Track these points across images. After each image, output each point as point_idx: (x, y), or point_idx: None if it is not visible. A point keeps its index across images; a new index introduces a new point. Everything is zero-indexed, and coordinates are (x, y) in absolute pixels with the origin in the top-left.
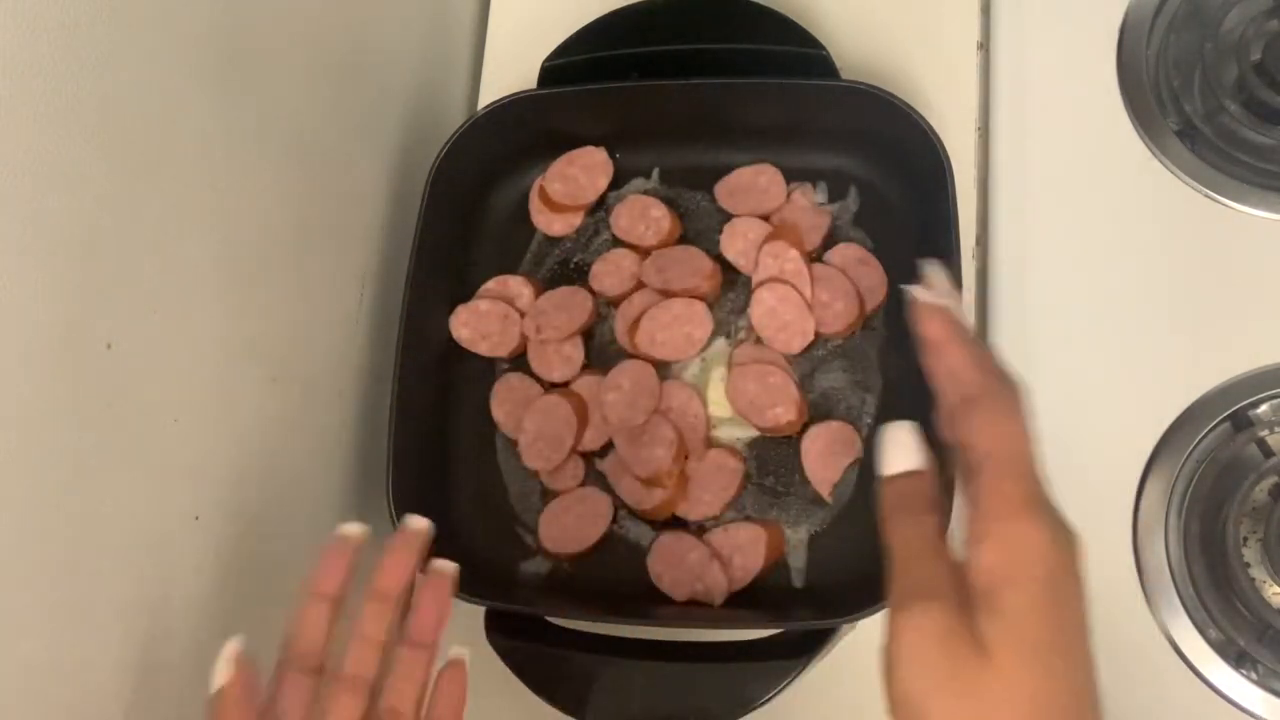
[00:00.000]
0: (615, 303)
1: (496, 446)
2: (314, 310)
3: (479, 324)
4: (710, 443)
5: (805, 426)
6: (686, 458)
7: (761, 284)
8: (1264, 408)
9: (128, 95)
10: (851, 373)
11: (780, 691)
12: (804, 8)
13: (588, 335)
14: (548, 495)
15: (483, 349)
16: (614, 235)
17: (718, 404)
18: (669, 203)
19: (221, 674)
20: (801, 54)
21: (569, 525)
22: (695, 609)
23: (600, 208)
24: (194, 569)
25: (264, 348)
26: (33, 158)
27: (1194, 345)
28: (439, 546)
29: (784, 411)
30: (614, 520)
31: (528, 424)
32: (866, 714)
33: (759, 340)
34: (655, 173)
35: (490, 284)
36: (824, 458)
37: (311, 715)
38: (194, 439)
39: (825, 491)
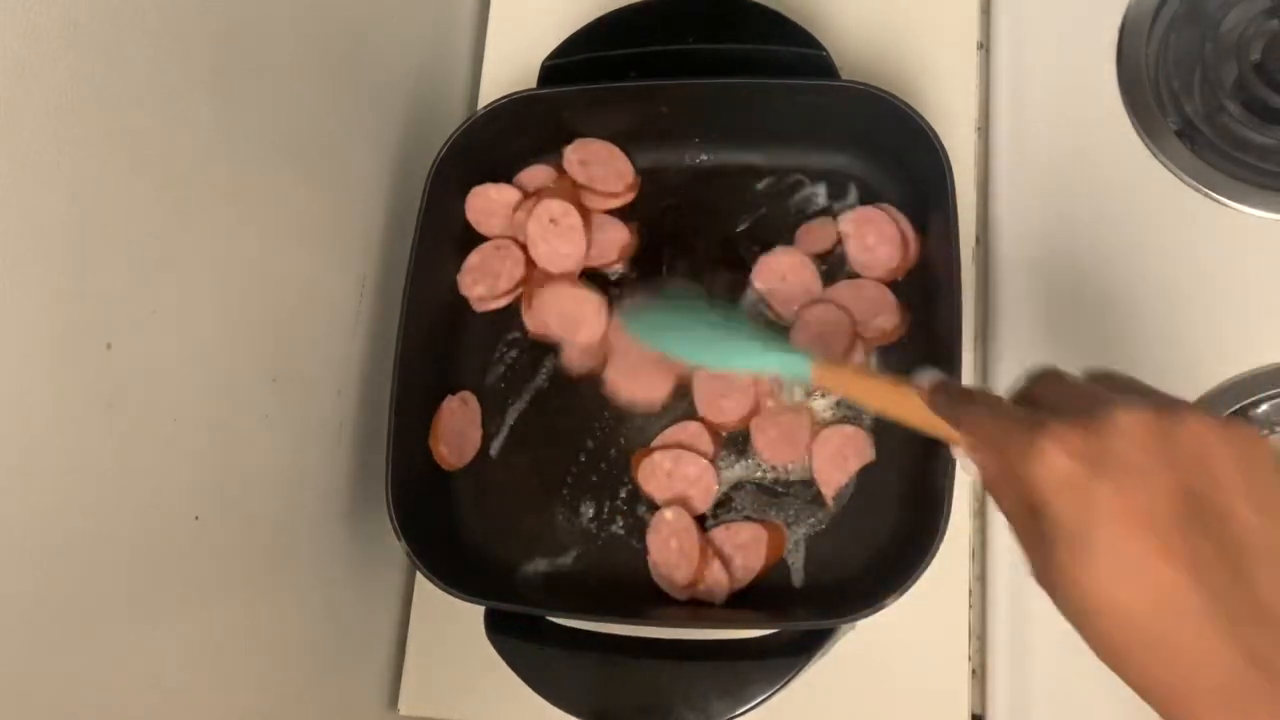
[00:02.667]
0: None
1: (496, 446)
2: (314, 310)
3: (485, 268)
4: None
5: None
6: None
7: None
8: (1264, 408)
9: (128, 95)
10: None
11: (780, 690)
12: (804, 8)
13: None
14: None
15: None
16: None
17: None
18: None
19: None
20: (801, 54)
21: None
22: (695, 608)
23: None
24: (194, 568)
25: (264, 348)
26: (33, 158)
27: (1194, 345)
28: (439, 546)
29: (886, 319)
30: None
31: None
32: (865, 712)
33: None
34: None
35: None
36: (834, 460)
37: None
38: (194, 439)
39: (829, 493)
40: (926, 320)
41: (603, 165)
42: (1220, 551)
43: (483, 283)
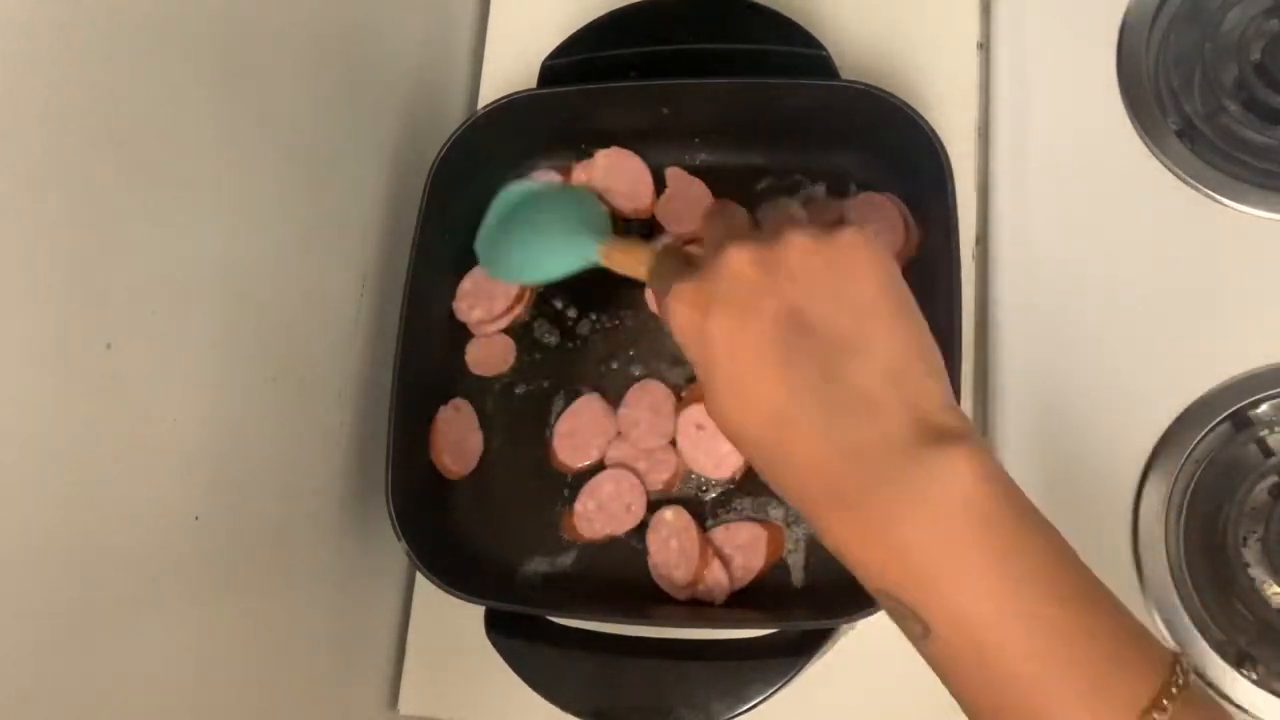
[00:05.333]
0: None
1: (495, 446)
2: (314, 310)
3: (480, 291)
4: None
5: None
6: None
7: None
8: (1264, 408)
9: (128, 95)
10: None
11: (779, 690)
12: (804, 8)
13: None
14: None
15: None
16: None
17: None
18: None
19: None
20: (801, 54)
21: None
22: (695, 608)
23: None
24: (194, 568)
25: (264, 348)
26: (33, 158)
27: (1194, 345)
28: (439, 546)
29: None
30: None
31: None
32: (865, 712)
33: None
34: None
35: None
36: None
37: None
38: (194, 439)
39: None
40: (926, 315)
41: (624, 181)
42: (817, 358)
43: (480, 306)
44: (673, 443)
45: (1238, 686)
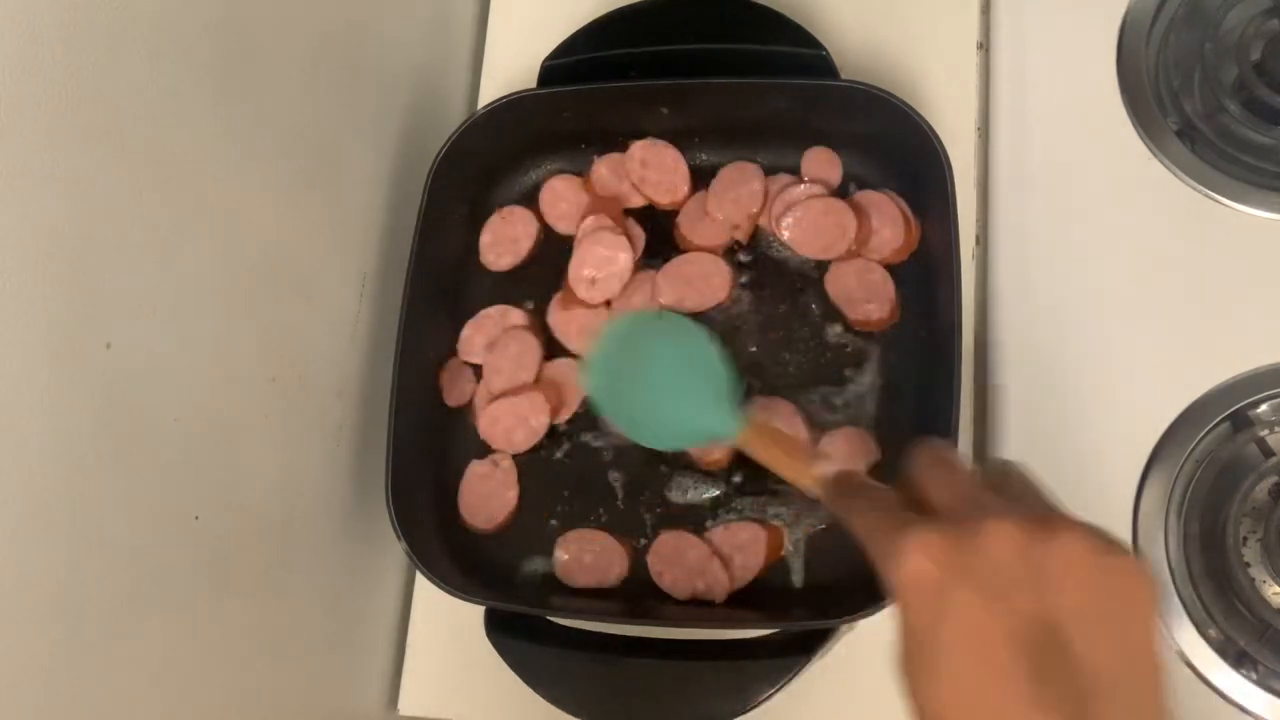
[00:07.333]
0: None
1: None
2: (314, 310)
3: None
4: None
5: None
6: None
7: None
8: (1264, 407)
9: (128, 95)
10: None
11: (779, 690)
12: (804, 8)
13: None
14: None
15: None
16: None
17: None
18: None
19: None
20: (801, 54)
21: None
22: (695, 608)
23: None
24: (194, 568)
25: (264, 348)
26: (33, 158)
27: (1194, 345)
28: (439, 546)
29: (876, 308)
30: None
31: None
32: (864, 712)
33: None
34: None
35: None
36: (844, 462)
37: None
38: (194, 439)
39: None
40: (926, 315)
41: (661, 173)
42: (1066, 689)
43: (507, 253)
44: None
45: (1238, 686)
